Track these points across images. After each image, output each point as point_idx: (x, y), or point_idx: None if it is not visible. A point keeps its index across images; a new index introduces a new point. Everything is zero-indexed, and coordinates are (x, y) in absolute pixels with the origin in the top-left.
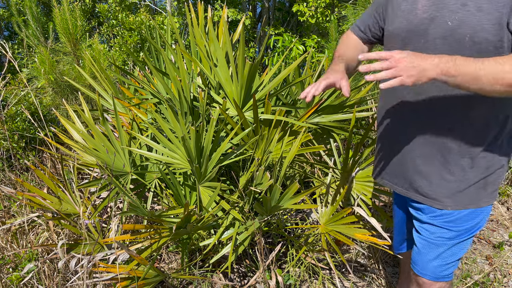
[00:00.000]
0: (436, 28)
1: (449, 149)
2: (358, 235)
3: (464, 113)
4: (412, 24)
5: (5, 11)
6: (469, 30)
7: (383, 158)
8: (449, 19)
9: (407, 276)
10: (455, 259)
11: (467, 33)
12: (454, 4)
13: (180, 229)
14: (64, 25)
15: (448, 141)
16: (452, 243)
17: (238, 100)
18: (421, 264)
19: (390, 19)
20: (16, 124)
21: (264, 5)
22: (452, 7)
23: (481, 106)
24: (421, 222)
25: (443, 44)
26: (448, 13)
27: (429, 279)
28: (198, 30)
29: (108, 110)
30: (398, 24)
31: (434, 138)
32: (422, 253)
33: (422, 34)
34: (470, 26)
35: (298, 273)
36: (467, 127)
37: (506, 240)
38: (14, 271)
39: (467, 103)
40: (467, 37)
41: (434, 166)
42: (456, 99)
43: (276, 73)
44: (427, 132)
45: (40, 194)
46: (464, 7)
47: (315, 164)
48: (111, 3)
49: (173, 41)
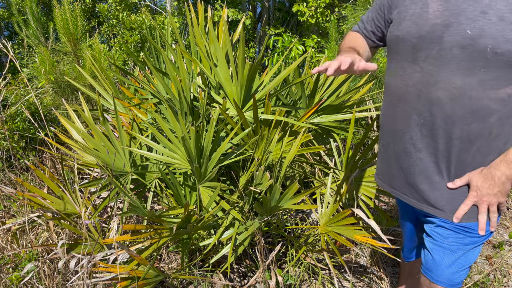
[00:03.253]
0: (453, 35)
1: (463, 161)
2: (357, 237)
3: (486, 125)
4: (423, 30)
5: (5, 11)
6: (490, 41)
7: (391, 168)
8: (468, 27)
9: (407, 277)
10: (468, 265)
11: (488, 44)
12: (473, 11)
13: (180, 229)
14: (65, 25)
15: (463, 152)
16: (468, 248)
17: (238, 100)
18: (436, 271)
19: (396, 23)
20: (16, 124)
21: (264, 5)
22: (470, 14)
23: (498, 121)
24: (432, 225)
25: (461, 54)
26: (466, 21)
27: (445, 286)
28: (198, 30)
29: (108, 110)
30: (406, 28)
31: (449, 149)
32: (437, 259)
33: (436, 41)
34: (492, 36)
35: (298, 273)
36: (484, 139)
37: (506, 240)
38: (14, 271)
39: (489, 115)
40: (489, 48)
41: (446, 179)
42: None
43: (276, 73)
44: (439, 143)
45: (40, 194)
46: (484, 15)
47: (315, 164)
48: (111, 3)
49: (173, 41)
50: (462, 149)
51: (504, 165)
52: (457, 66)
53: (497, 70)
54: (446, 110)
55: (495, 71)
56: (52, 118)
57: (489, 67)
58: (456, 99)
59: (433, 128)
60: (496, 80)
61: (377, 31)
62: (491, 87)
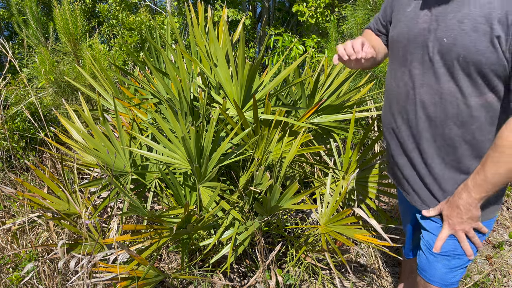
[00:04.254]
0: (434, 42)
1: (449, 165)
2: (358, 236)
3: (468, 131)
4: (412, 33)
5: (5, 11)
6: (462, 51)
7: (392, 166)
8: (445, 35)
9: (408, 276)
10: (463, 265)
11: (460, 54)
12: (451, 20)
13: (180, 229)
14: (65, 25)
15: (447, 156)
16: (461, 251)
17: (238, 100)
18: (429, 271)
19: (394, 23)
20: (16, 124)
21: (264, 5)
22: (449, 22)
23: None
24: (426, 228)
25: (441, 60)
26: (445, 28)
27: (439, 286)
28: (198, 30)
29: (108, 110)
30: (400, 29)
31: (434, 152)
32: (430, 259)
33: (421, 46)
34: (464, 47)
35: (298, 273)
36: (467, 144)
37: (506, 240)
38: (14, 271)
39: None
40: (461, 57)
41: (434, 181)
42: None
43: (276, 73)
44: (424, 146)
45: (40, 194)
46: (460, 24)
47: (315, 164)
48: (111, 3)
49: (173, 41)
50: (447, 152)
51: (465, 193)
52: (438, 72)
53: (473, 78)
54: (429, 114)
55: (472, 79)
56: (52, 118)
57: (466, 75)
58: (438, 104)
59: (418, 130)
60: (474, 87)
61: (384, 31)
62: (469, 94)
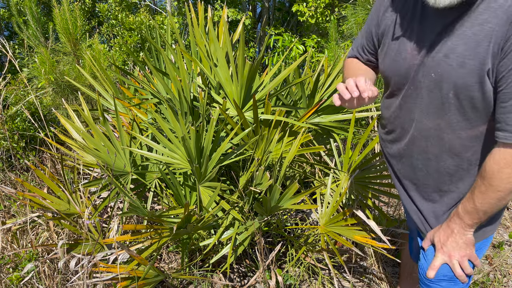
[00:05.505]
0: (423, 77)
1: (443, 191)
2: (357, 237)
3: (464, 159)
4: (403, 68)
5: (5, 11)
6: (452, 87)
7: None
8: (433, 70)
9: (407, 277)
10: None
11: (450, 89)
12: (437, 54)
13: (180, 229)
14: (64, 25)
15: (442, 184)
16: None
17: (238, 100)
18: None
19: (384, 53)
20: (16, 124)
21: (264, 5)
22: (436, 57)
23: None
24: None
25: (429, 96)
26: (432, 63)
27: None
28: (198, 30)
29: (108, 110)
30: (388, 63)
31: (428, 181)
32: (428, 259)
33: (411, 82)
34: (453, 83)
35: (297, 273)
36: (464, 170)
37: (506, 240)
38: (14, 271)
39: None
40: (451, 93)
41: (437, 204)
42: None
43: (276, 73)
44: (418, 175)
45: (40, 194)
46: (446, 59)
47: (315, 164)
48: (111, 3)
49: (173, 41)
50: (441, 181)
51: (457, 219)
52: (426, 108)
53: (464, 113)
54: (421, 148)
55: (463, 114)
56: (52, 118)
57: (456, 111)
58: (429, 139)
59: (411, 161)
60: (466, 121)
61: (374, 60)
62: (460, 128)
